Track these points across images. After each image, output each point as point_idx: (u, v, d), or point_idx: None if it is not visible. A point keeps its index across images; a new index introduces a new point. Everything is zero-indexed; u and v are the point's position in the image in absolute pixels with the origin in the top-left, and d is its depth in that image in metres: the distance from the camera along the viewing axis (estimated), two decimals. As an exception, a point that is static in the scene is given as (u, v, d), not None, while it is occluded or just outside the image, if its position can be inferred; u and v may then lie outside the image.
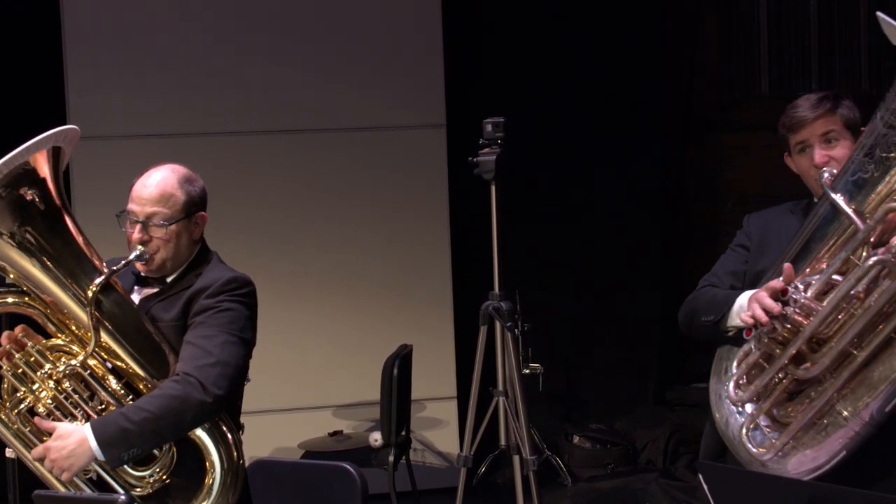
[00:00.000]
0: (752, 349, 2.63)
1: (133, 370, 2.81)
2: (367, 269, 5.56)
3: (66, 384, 2.79)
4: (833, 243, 2.58)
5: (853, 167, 2.53)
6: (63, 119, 5.19)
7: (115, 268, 2.81)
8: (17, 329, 2.85)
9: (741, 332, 2.68)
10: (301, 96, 5.49)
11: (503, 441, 4.32)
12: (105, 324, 2.78)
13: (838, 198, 2.52)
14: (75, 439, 2.70)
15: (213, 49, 5.39)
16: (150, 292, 2.98)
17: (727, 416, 2.68)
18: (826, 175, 2.62)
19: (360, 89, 5.52)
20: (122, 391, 2.80)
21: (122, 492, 2.77)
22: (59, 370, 2.79)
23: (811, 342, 2.50)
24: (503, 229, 4.16)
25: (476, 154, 4.08)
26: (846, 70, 5.91)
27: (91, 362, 2.79)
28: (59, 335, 2.84)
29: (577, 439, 5.84)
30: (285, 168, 5.50)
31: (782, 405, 2.59)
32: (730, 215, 5.98)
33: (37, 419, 2.79)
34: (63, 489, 2.74)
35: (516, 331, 4.54)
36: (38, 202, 2.75)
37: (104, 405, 2.79)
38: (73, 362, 2.78)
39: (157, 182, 2.93)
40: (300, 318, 5.49)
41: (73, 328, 2.82)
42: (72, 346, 2.82)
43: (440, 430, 5.66)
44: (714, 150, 6.34)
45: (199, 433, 2.79)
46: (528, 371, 5.10)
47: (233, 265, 3.06)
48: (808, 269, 2.60)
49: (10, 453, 2.89)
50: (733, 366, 2.69)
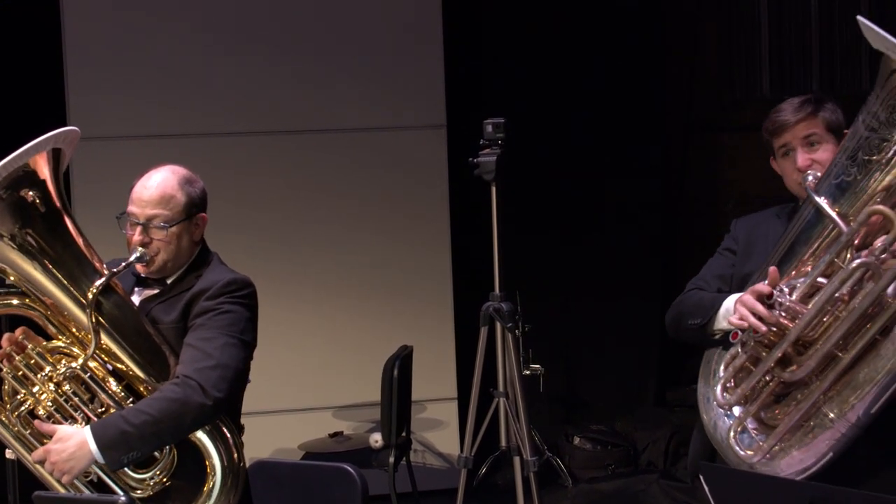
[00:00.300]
0: (739, 352, 2.63)
1: (133, 372, 2.80)
2: (368, 269, 5.56)
3: (67, 386, 2.78)
4: (817, 246, 2.58)
5: (836, 170, 2.54)
6: (63, 120, 5.19)
7: (116, 270, 2.80)
8: (18, 331, 2.83)
9: (727, 336, 2.69)
10: (301, 97, 5.48)
11: (504, 442, 4.32)
12: (105, 326, 2.77)
13: (822, 201, 2.52)
14: (75, 442, 2.69)
15: (213, 50, 5.39)
16: (150, 293, 2.97)
17: (715, 418, 2.68)
18: (810, 178, 2.64)
19: (360, 90, 5.52)
20: (123, 393, 2.79)
21: (122, 493, 2.76)
22: (60, 373, 2.78)
23: (797, 345, 2.51)
24: (503, 230, 4.16)
25: (476, 155, 4.08)
26: (847, 70, 5.89)
27: (91, 364, 2.79)
28: (59, 337, 2.83)
29: (577, 440, 5.84)
30: (285, 169, 5.50)
31: (769, 407, 2.60)
32: (730, 215, 5.94)
33: (37, 422, 2.78)
34: (63, 491, 2.74)
35: (517, 332, 4.54)
36: (38, 204, 2.74)
37: (104, 407, 2.78)
38: (73, 365, 2.77)
39: (158, 184, 2.92)
40: (300, 318, 5.49)
41: (74, 330, 2.81)
42: (72, 349, 2.81)
43: (440, 431, 5.65)
44: (715, 150, 6.33)
45: (200, 435, 2.78)
46: (528, 372, 5.10)
47: (232, 266, 3.05)
48: (794, 271, 2.60)
49: (9, 454, 2.88)
50: (720, 369, 2.70)
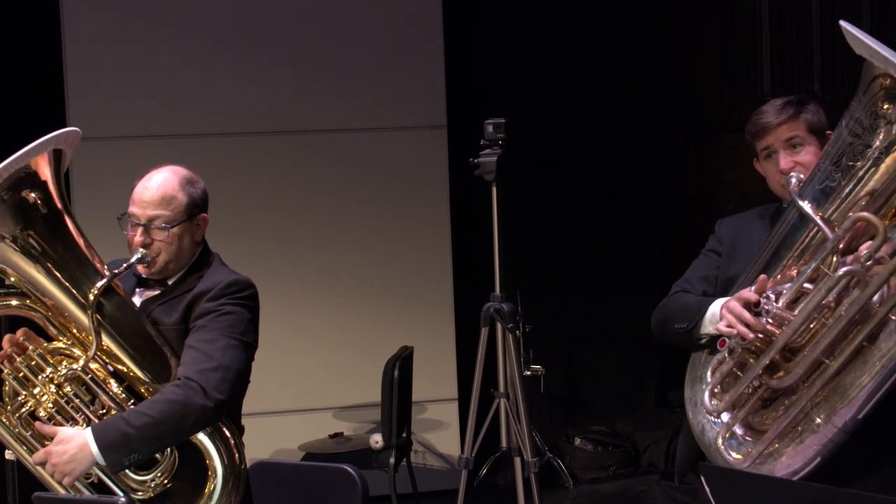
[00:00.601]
0: (726, 358, 2.63)
1: (134, 374, 2.80)
2: (368, 270, 5.55)
3: (68, 388, 2.78)
4: (802, 250, 2.58)
5: (820, 175, 2.54)
6: (62, 120, 5.18)
7: (117, 271, 2.80)
8: (19, 332, 2.83)
9: (714, 340, 2.69)
10: (301, 97, 5.47)
11: (504, 443, 4.31)
12: (106, 327, 2.76)
13: (806, 206, 2.52)
14: (76, 444, 2.69)
15: (213, 50, 5.38)
16: (151, 294, 2.97)
17: (703, 423, 2.68)
18: (793, 181, 2.63)
19: (360, 90, 5.51)
20: (124, 395, 2.79)
21: (122, 495, 2.76)
22: (61, 374, 2.77)
23: (784, 351, 2.51)
24: (504, 230, 4.15)
25: (477, 155, 4.07)
26: (849, 70, 5.88)
27: (92, 366, 2.78)
28: (60, 338, 2.83)
29: (578, 441, 5.83)
30: (285, 169, 5.49)
31: (757, 412, 2.60)
32: (731, 216, 5.95)
33: (38, 424, 2.78)
34: (63, 492, 2.73)
35: (517, 332, 4.53)
36: (39, 205, 2.74)
37: (105, 409, 2.78)
38: (74, 366, 2.77)
39: (159, 184, 2.91)
40: (300, 319, 5.48)
41: (75, 331, 2.81)
42: (73, 350, 2.81)
43: (441, 432, 5.64)
44: (715, 150, 6.32)
45: (201, 437, 2.78)
46: (529, 373, 5.09)
47: (231, 266, 3.05)
48: (779, 275, 2.60)
49: (9, 455, 2.87)
50: (707, 374, 2.69)
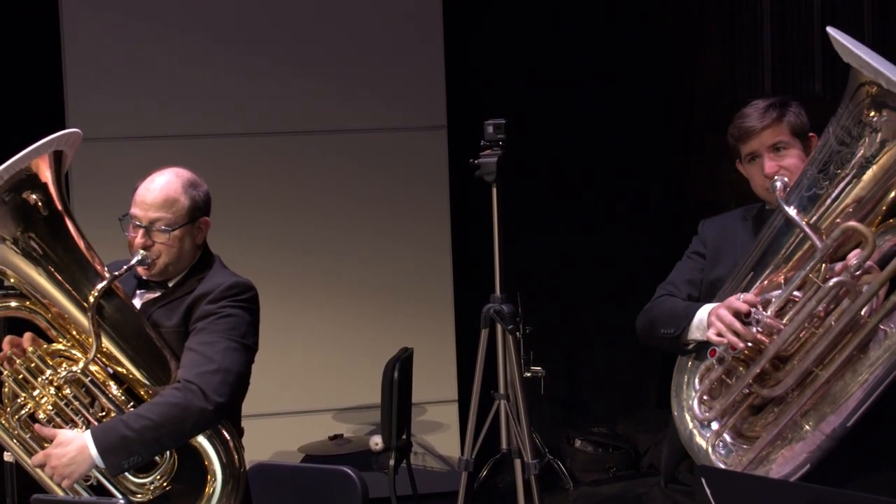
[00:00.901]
0: (714, 366, 2.62)
1: (134, 376, 2.79)
2: (368, 271, 5.54)
3: (67, 390, 2.78)
4: (788, 255, 2.57)
5: (808, 182, 2.53)
6: (61, 121, 5.17)
7: (118, 273, 2.79)
8: (25, 338, 2.82)
9: (701, 346, 2.68)
10: (302, 98, 5.46)
11: (504, 445, 4.30)
12: (106, 329, 2.76)
13: (793, 212, 2.51)
14: (75, 447, 2.69)
15: (212, 51, 5.37)
16: (151, 296, 2.96)
17: (691, 429, 2.67)
18: (778, 185, 2.62)
19: (360, 91, 5.50)
20: (123, 397, 2.78)
21: (121, 497, 2.75)
22: (61, 376, 2.77)
23: (773, 359, 2.51)
24: (504, 231, 4.15)
25: (477, 156, 4.06)
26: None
27: (92, 368, 2.78)
28: (60, 340, 2.82)
29: (578, 443, 5.82)
30: (285, 170, 5.48)
31: (746, 419, 2.60)
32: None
33: (37, 426, 2.77)
34: (62, 494, 2.72)
35: (518, 334, 4.52)
36: (40, 207, 2.73)
37: (105, 412, 2.78)
38: (73, 368, 2.77)
39: (161, 186, 2.91)
40: (300, 320, 5.47)
41: (75, 333, 2.80)
42: (73, 352, 2.80)
43: (441, 434, 5.63)
44: (716, 150, 6.31)
45: (200, 440, 2.77)
46: (529, 374, 5.09)
47: (231, 267, 3.04)
48: (765, 281, 2.59)
49: (8, 457, 2.87)
50: (696, 381, 2.69)
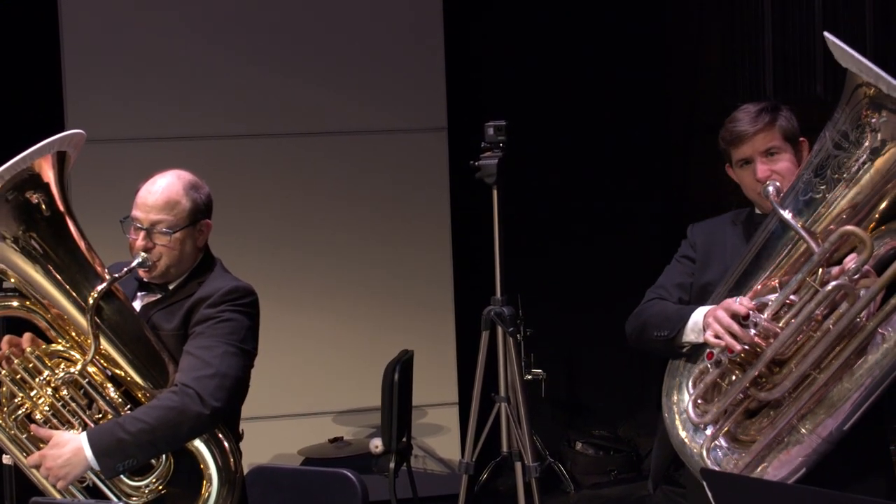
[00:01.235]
0: (709, 369, 2.59)
1: (132, 378, 2.78)
2: (368, 273, 5.54)
3: (65, 391, 2.76)
4: (783, 258, 2.55)
5: (803, 186, 2.51)
6: (61, 122, 5.17)
7: (118, 275, 2.78)
8: (25, 338, 2.81)
9: (695, 348, 2.65)
10: (302, 100, 5.46)
11: (505, 447, 4.28)
12: (105, 331, 2.74)
13: (789, 216, 2.49)
14: (71, 448, 2.67)
15: (213, 52, 5.37)
16: (151, 299, 2.95)
17: (684, 433, 2.65)
18: (771, 189, 2.60)
19: (361, 93, 5.50)
20: (121, 400, 2.77)
21: (117, 500, 2.74)
22: (58, 377, 2.76)
23: (769, 363, 2.49)
24: (505, 233, 4.14)
25: (478, 158, 4.05)
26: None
27: (90, 369, 2.77)
28: (59, 341, 2.81)
29: (579, 446, 5.81)
30: (285, 172, 5.48)
31: (741, 423, 2.58)
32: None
33: (33, 427, 2.76)
34: (59, 496, 2.71)
35: (518, 336, 4.52)
36: (42, 207, 2.72)
37: (102, 413, 2.77)
38: (71, 370, 2.75)
39: (163, 189, 2.89)
40: (300, 323, 5.46)
41: (73, 334, 2.79)
42: (71, 353, 2.79)
43: (441, 437, 5.62)
44: (717, 152, 6.30)
45: (197, 443, 2.76)
46: (530, 377, 5.09)
47: (232, 269, 3.02)
48: (759, 285, 2.57)
49: (6, 459, 2.87)
50: (689, 385, 2.66)
